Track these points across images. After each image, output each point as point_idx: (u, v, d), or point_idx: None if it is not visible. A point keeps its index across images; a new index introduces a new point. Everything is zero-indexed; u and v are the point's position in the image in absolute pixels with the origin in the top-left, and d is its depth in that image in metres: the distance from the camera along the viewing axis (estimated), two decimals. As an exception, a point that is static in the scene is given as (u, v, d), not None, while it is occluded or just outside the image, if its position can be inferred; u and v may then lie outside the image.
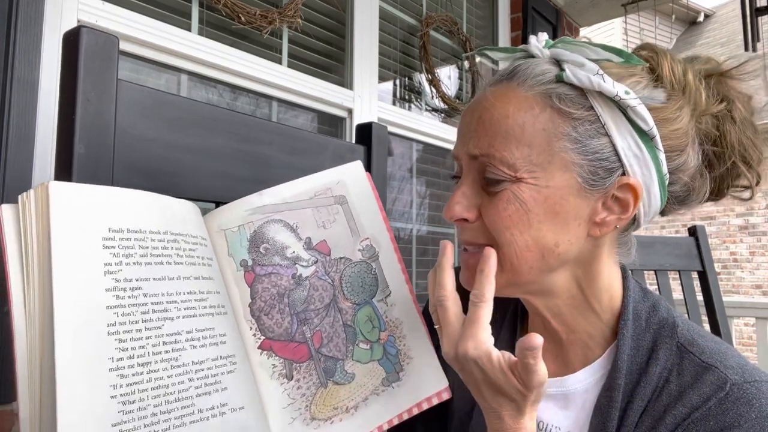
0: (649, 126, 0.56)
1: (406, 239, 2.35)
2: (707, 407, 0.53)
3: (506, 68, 0.60)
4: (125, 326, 0.49)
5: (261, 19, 1.64)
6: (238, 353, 0.58)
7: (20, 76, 1.14)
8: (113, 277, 0.50)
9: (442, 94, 2.42)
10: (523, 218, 0.56)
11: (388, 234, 0.72)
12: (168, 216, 0.57)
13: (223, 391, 0.54)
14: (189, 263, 0.56)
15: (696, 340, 0.59)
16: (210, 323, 0.56)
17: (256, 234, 0.64)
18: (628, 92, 0.55)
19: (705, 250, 1.54)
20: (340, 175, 0.71)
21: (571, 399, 0.62)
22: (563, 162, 0.56)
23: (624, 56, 0.56)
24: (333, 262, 0.67)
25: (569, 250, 0.58)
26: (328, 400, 0.62)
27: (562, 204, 0.56)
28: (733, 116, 0.62)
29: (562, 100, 0.56)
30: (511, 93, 0.57)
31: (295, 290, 0.64)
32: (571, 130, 0.56)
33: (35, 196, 0.50)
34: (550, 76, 0.57)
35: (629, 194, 0.57)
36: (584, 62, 0.56)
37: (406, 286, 0.71)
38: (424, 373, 0.68)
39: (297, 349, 0.63)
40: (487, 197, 0.58)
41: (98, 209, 0.52)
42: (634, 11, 3.03)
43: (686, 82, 0.60)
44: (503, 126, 0.56)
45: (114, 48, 0.63)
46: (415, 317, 0.70)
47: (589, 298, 0.62)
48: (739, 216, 7.19)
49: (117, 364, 0.47)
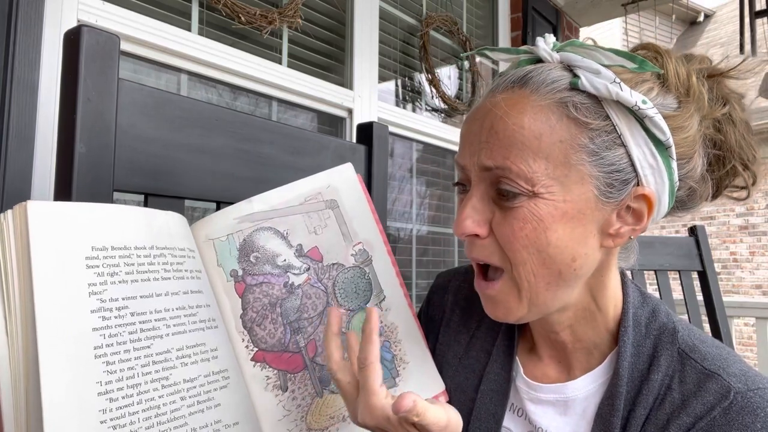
0: (666, 136, 0.55)
1: (406, 239, 2.34)
2: (711, 417, 0.53)
3: (517, 74, 0.57)
4: (112, 348, 0.47)
5: (261, 19, 1.63)
6: (230, 367, 0.56)
7: (20, 76, 1.14)
8: (98, 297, 0.48)
9: (442, 94, 2.42)
10: (540, 237, 0.54)
11: (381, 237, 0.70)
12: (154, 229, 0.55)
13: (217, 408, 0.53)
14: (177, 277, 0.55)
15: (697, 346, 0.58)
16: (201, 338, 0.54)
17: (245, 243, 0.63)
18: (646, 101, 0.53)
19: (705, 250, 1.54)
20: (330, 179, 0.69)
21: (570, 406, 0.62)
22: (580, 175, 0.54)
23: (638, 62, 0.54)
24: (326, 269, 0.66)
25: (585, 264, 0.57)
26: (324, 410, 0.61)
27: (579, 218, 0.55)
28: (733, 118, 0.62)
29: (579, 109, 0.54)
30: (525, 101, 0.55)
31: (288, 299, 0.63)
32: (588, 141, 0.54)
33: (13, 218, 0.48)
34: (565, 83, 0.55)
35: (644, 204, 0.56)
36: (599, 69, 0.54)
37: (400, 289, 0.70)
38: (420, 377, 0.67)
39: (291, 360, 0.62)
40: (499, 212, 0.56)
41: (80, 228, 0.50)
42: (634, 11, 3.03)
43: (690, 85, 0.58)
44: (519, 137, 0.54)
45: (115, 47, 0.63)
46: (410, 321, 0.69)
47: (600, 308, 0.61)
48: (739, 216, 7.19)
49: (106, 387, 0.46)
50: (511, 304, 0.58)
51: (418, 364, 0.68)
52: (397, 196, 2.33)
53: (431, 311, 0.78)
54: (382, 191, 0.96)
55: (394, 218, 2.29)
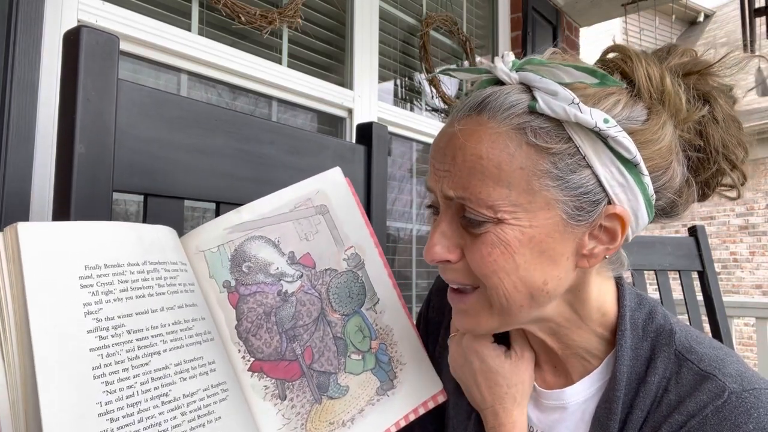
0: (632, 154, 0.52)
1: (406, 239, 2.34)
2: (704, 415, 0.52)
3: (475, 99, 0.55)
4: (111, 367, 0.47)
5: (261, 19, 1.63)
6: (228, 379, 0.56)
7: (20, 76, 1.14)
8: (94, 317, 0.48)
9: (442, 94, 2.42)
10: (509, 261, 0.53)
11: (373, 240, 0.70)
12: (145, 245, 0.55)
13: (218, 421, 0.53)
14: (171, 292, 0.55)
15: (694, 347, 0.57)
16: (198, 352, 0.54)
17: (237, 253, 0.62)
18: (608, 120, 0.51)
19: (705, 250, 1.54)
20: (319, 184, 0.69)
21: (569, 410, 0.62)
22: (545, 200, 0.53)
23: (599, 77, 0.52)
24: (319, 275, 0.66)
25: (558, 286, 0.56)
26: (323, 416, 0.61)
27: (548, 242, 0.54)
28: (716, 117, 0.58)
29: (538, 134, 0.52)
30: (482, 129, 0.53)
31: (282, 307, 0.63)
32: (551, 166, 0.52)
33: (4, 240, 0.47)
34: (522, 107, 0.53)
35: (617, 223, 0.55)
36: (557, 90, 0.52)
37: (394, 291, 0.70)
38: (417, 377, 0.68)
39: (288, 368, 0.61)
40: (468, 237, 0.55)
41: (72, 247, 0.49)
42: (634, 11, 3.03)
43: (664, 88, 0.55)
44: (478, 167, 0.52)
45: (114, 47, 0.63)
46: (405, 322, 0.69)
47: (582, 318, 0.61)
48: (739, 216, 7.19)
49: (106, 408, 0.46)
50: (481, 318, 0.58)
51: (416, 365, 0.68)
52: (397, 196, 2.33)
53: (431, 313, 0.78)
54: (382, 191, 0.96)
55: (394, 218, 2.29)
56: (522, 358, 0.65)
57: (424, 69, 2.34)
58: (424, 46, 2.32)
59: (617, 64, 0.58)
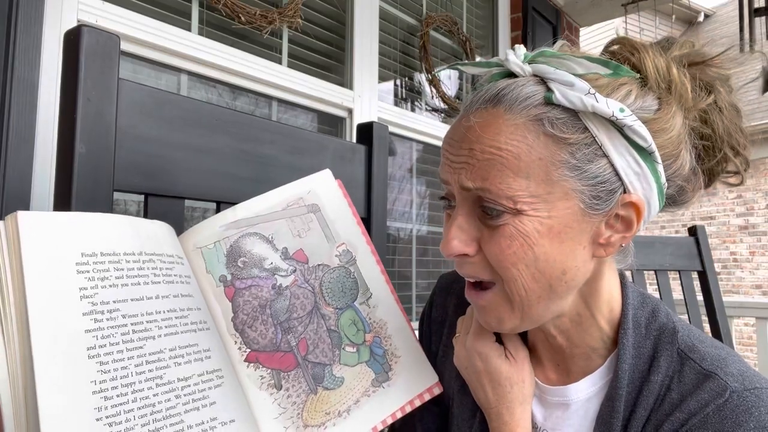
0: (648, 143, 0.53)
1: (406, 239, 2.34)
2: (705, 413, 0.53)
3: (490, 91, 0.55)
4: (105, 348, 0.49)
5: (261, 19, 1.64)
6: (224, 367, 0.58)
7: (20, 76, 1.14)
8: (89, 300, 0.50)
9: (442, 94, 2.42)
10: (528, 253, 0.54)
11: (364, 237, 0.72)
12: (142, 237, 0.57)
13: (212, 406, 0.54)
14: (167, 282, 0.56)
15: (696, 346, 0.58)
16: (193, 339, 0.56)
17: (232, 249, 0.64)
18: (623, 110, 0.52)
19: (705, 250, 1.54)
20: (310, 185, 0.71)
21: (572, 408, 0.62)
22: (564, 190, 0.53)
23: (612, 67, 0.53)
24: (312, 270, 0.68)
25: (577, 276, 0.56)
26: (319, 406, 0.63)
27: (566, 232, 0.54)
28: (719, 105, 0.59)
29: (555, 125, 0.52)
30: (500, 121, 0.53)
31: (277, 300, 0.65)
32: (569, 156, 0.53)
33: (5, 228, 0.50)
34: (538, 98, 0.53)
35: (632, 211, 0.55)
36: (573, 81, 0.52)
37: (387, 286, 0.72)
38: (413, 370, 0.69)
39: (284, 359, 0.63)
40: (486, 230, 0.55)
41: (69, 236, 0.51)
42: (634, 11, 3.03)
43: (671, 78, 0.56)
44: (497, 158, 0.53)
45: (115, 47, 0.63)
46: (399, 316, 0.71)
47: (594, 313, 0.61)
48: (739, 216, 7.20)
49: (100, 386, 0.47)
50: (502, 314, 0.58)
51: (410, 358, 0.69)
52: (397, 196, 2.33)
53: (434, 313, 0.78)
54: (382, 191, 0.96)
55: (394, 218, 2.29)
56: (517, 356, 0.65)
57: (424, 69, 2.34)
58: (424, 46, 2.32)
59: (624, 56, 0.58)
